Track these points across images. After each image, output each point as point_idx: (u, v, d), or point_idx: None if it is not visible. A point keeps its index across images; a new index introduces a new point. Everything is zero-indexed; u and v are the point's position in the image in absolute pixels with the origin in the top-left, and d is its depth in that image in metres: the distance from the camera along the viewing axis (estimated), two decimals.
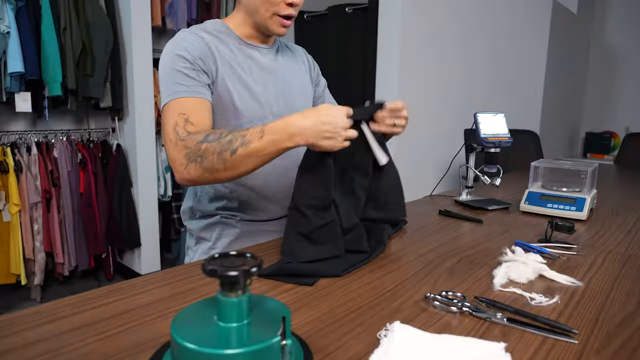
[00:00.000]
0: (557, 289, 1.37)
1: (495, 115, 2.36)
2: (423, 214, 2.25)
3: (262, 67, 1.90)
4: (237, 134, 1.53)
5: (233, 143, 1.52)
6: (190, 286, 1.34)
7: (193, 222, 1.99)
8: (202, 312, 0.89)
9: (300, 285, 1.35)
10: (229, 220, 1.92)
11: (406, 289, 1.34)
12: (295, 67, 2.06)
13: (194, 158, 1.55)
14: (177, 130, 1.60)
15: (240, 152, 1.52)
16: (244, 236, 1.92)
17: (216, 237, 1.93)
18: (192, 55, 1.72)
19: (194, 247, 1.99)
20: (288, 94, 1.96)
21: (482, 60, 5.61)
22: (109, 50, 4.50)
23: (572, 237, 1.91)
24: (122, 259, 5.18)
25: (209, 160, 1.54)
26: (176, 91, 1.67)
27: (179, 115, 1.63)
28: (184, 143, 1.58)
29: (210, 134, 1.56)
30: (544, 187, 2.38)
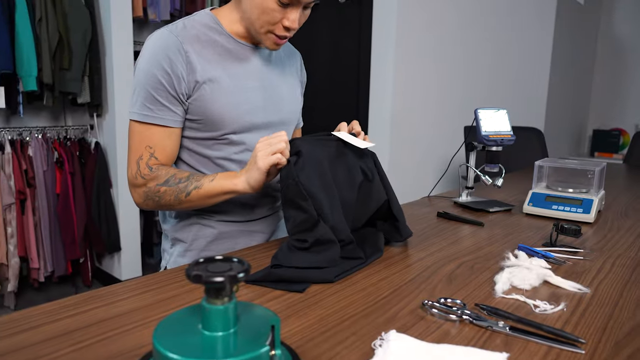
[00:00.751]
0: (563, 295, 1.38)
1: (497, 111, 2.37)
2: (420, 216, 2.25)
3: (251, 71, 1.88)
4: (194, 179, 1.73)
5: (188, 187, 1.73)
6: (174, 293, 1.33)
7: (168, 223, 1.99)
8: (186, 320, 0.89)
9: (290, 292, 1.36)
10: (205, 221, 1.92)
11: (402, 296, 1.34)
12: (288, 71, 2.05)
13: (151, 197, 1.77)
14: (139, 165, 1.77)
15: (193, 194, 1.73)
16: (221, 237, 1.92)
17: (192, 238, 1.92)
18: (169, 74, 1.72)
19: (169, 249, 2.00)
20: (278, 101, 1.95)
21: (484, 52, 5.62)
22: (87, 42, 4.49)
23: (579, 240, 1.92)
24: (101, 264, 5.17)
25: (165, 200, 1.76)
26: (144, 114, 1.75)
27: (146, 149, 1.77)
28: (144, 181, 1.77)
29: (170, 178, 1.75)
30: (548, 188, 2.38)
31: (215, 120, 1.78)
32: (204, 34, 1.80)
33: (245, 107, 1.83)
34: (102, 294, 1.31)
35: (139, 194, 1.79)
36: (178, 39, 1.74)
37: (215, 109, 1.77)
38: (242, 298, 1.30)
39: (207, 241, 1.92)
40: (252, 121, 1.85)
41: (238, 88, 1.82)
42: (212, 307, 0.85)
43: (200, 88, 1.75)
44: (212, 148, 1.84)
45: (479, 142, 2.33)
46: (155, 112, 1.73)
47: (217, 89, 1.77)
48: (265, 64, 1.93)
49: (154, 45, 1.74)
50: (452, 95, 5.31)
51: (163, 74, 1.71)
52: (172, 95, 1.73)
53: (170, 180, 1.73)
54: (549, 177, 2.44)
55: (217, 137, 1.82)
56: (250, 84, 1.86)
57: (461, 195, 2.51)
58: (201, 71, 1.75)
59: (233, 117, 1.80)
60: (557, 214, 2.24)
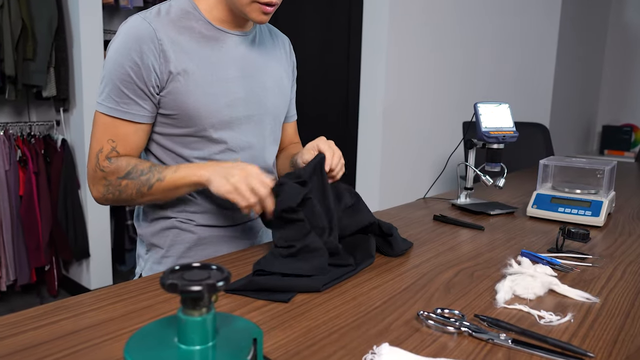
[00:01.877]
0: (570, 305, 1.38)
1: (498, 105, 2.37)
2: (416, 219, 2.26)
3: (231, 60, 1.88)
4: (155, 171, 1.76)
5: (150, 179, 1.75)
6: (147, 303, 1.33)
7: (144, 227, 1.98)
8: (160, 333, 0.89)
9: (274, 302, 1.35)
10: (184, 225, 1.91)
11: (396, 306, 1.34)
12: (274, 60, 2.04)
13: (112, 191, 1.79)
14: (98, 157, 1.79)
15: (155, 187, 1.75)
16: (201, 243, 1.92)
17: (170, 243, 1.92)
18: (138, 66, 1.72)
19: (144, 255, 1.99)
20: (260, 92, 1.95)
21: (484, 41, 5.63)
22: (53, 30, 4.47)
23: (587, 246, 1.92)
24: (69, 271, 5.15)
25: (127, 194, 1.79)
26: (110, 107, 1.76)
27: (108, 142, 1.78)
28: (103, 175, 1.79)
29: (132, 170, 1.77)
30: (554, 189, 2.39)
31: (191, 114, 1.78)
32: (179, 21, 1.79)
33: (224, 99, 1.83)
34: (69, 304, 1.31)
35: (97, 189, 1.81)
36: (151, 26, 1.73)
37: (190, 102, 1.77)
38: (221, 309, 1.30)
39: (185, 247, 1.91)
40: (232, 115, 1.85)
41: (216, 78, 1.82)
42: (188, 318, 0.85)
43: (174, 79, 1.75)
44: (190, 147, 1.83)
45: (478, 139, 2.33)
46: (121, 106, 1.74)
47: (193, 80, 1.77)
48: (248, 52, 1.93)
49: (125, 34, 1.74)
50: (450, 88, 5.32)
51: (132, 66, 1.71)
52: (140, 89, 1.73)
53: (132, 173, 1.76)
54: (555, 177, 2.44)
55: (194, 134, 1.81)
56: (230, 73, 1.86)
57: (460, 196, 2.52)
58: (175, 61, 1.75)
59: (211, 110, 1.80)
60: (564, 217, 2.25)
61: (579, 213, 2.22)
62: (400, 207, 2.46)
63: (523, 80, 6.13)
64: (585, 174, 2.36)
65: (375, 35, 4.72)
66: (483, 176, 2.35)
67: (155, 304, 1.32)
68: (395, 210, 2.40)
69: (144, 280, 1.48)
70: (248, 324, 0.92)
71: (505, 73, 5.92)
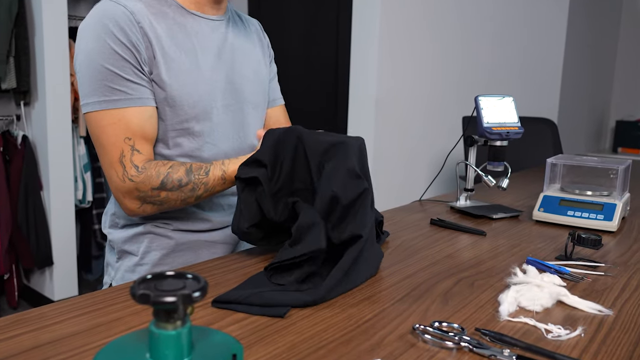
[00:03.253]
0: (580, 318, 1.38)
1: (501, 99, 2.38)
2: (410, 223, 2.26)
3: (208, 47, 1.90)
4: (198, 181, 1.76)
5: (196, 191, 1.77)
6: (116, 315, 1.32)
7: (115, 232, 1.98)
8: (131, 348, 0.89)
9: (267, 316, 1.35)
10: (160, 230, 1.91)
11: (389, 319, 1.34)
12: (249, 45, 2.07)
13: (151, 201, 1.77)
14: (123, 164, 1.73)
15: (204, 196, 1.80)
16: (179, 249, 1.92)
17: (144, 250, 1.92)
18: (126, 46, 1.71)
19: (115, 263, 1.98)
20: (238, 80, 1.97)
21: (486, 29, 5.64)
22: (12, 16, 4.46)
23: (599, 253, 1.93)
24: (30, 281, 5.13)
25: (169, 204, 1.79)
26: (113, 99, 1.71)
27: (125, 142, 1.73)
28: (135, 185, 1.74)
29: (165, 178, 1.75)
30: (563, 190, 2.39)
31: (171, 104, 1.79)
32: (152, 6, 1.80)
33: (204, 87, 1.84)
34: (30, 317, 1.30)
35: (132, 202, 1.78)
36: (127, 9, 1.74)
37: (173, 90, 1.78)
38: (197, 322, 1.30)
39: (161, 254, 1.91)
40: (212, 104, 1.87)
41: (195, 66, 1.83)
42: (161, 332, 0.84)
43: (155, 66, 1.76)
44: (169, 144, 1.84)
45: (480, 136, 2.34)
46: (125, 94, 1.72)
47: (172, 68, 1.78)
48: (223, 38, 1.95)
49: (100, 18, 1.73)
50: (449, 79, 5.33)
51: (122, 47, 1.71)
52: (138, 69, 1.73)
53: (167, 183, 1.75)
54: (564, 178, 2.45)
55: (174, 127, 1.82)
56: (207, 61, 1.87)
57: (459, 198, 2.52)
58: (156, 46, 1.76)
59: (194, 100, 1.82)
60: (573, 221, 2.25)
61: (590, 217, 2.23)
62: (394, 210, 2.46)
63: (529, 70, 6.13)
64: (597, 174, 2.37)
65: (366, 20, 4.72)
66: (485, 176, 2.35)
67: (125, 317, 1.31)
68: (388, 213, 2.40)
69: (112, 290, 1.48)
70: (227, 338, 0.92)
71: (509, 63, 5.92)
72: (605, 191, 2.32)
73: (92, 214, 5.37)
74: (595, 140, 8.01)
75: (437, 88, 5.22)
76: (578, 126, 7.21)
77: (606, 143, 8.32)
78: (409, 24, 4.85)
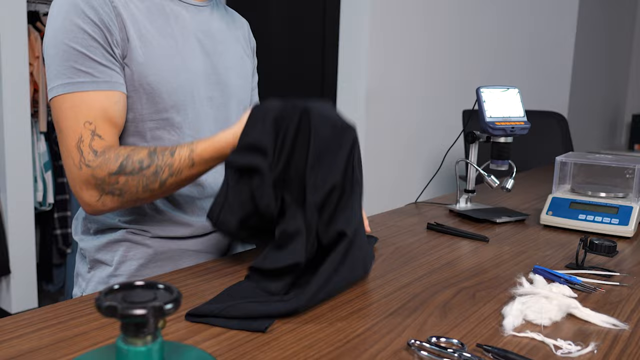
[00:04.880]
0: (593, 333, 1.39)
1: (506, 90, 2.38)
2: (406, 228, 2.26)
3: (189, 32, 1.90)
4: (162, 163, 1.69)
5: (160, 174, 1.69)
6: (81, 329, 1.32)
7: (87, 239, 1.97)
8: None
9: (247, 330, 1.35)
10: (137, 237, 1.90)
11: (382, 334, 1.34)
12: (232, 38, 2.08)
13: (110, 190, 1.71)
14: (80, 149, 1.70)
15: (170, 182, 1.71)
16: (158, 259, 1.91)
17: (119, 260, 1.90)
18: (98, 26, 1.70)
19: (86, 274, 1.97)
20: (222, 70, 1.97)
21: (488, 13, 5.65)
22: None
23: (614, 261, 1.94)
24: None
25: (131, 193, 1.72)
26: (78, 82, 1.70)
27: (85, 126, 1.70)
28: (91, 171, 1.70)
29: (124, 160, 1.69)
30: (574, 192, 2.40)
31: (150, 91, 1.78)
32: None
33: (185, 74, 1.84)
34: None
35: (89, 193, 1.72)
36: None
37: (149, 75, 1.77)
38: (170, 337, 1.29)
39: (138, 264, 1.90)
40: (193, 93, 1.87)
41: (175, 51, 1.84)
42: (130, 348, 0.84)
43: (131, 49, 1.75)
44: (147, 137, 1.84)
45: (482, 131, 2.34)
46: (90, 76, 1.70)
47: (151, 52, 1.78)
48: (205, 26, 1.95)
49: None
50: (447, 68, 5.34)
51: (91, 26, 1.70)
52: (108, 51, 1.72)
53: (126, 166, 1.68)
54: (575, 178, 2.46)
55: (153, 117, 1.82)
56: (188, 47, 1.87)
57: (459, 201, 2.52)
58: (131, 28, 1.76)
59: (173, 87, 1.81)
60: (585, 225, 2.26)
61: (603, 221, 2.23)
62: (387, 213, 2.47)
63: (536, 59, 6.15)
64: (612, 174, 2.37)
65: (356, 2, 4.73)
66: (487, 176, 2.36)
67: (90, 331, 1.31)
68: (380, 217, 2.41)
69: (76, 302, 1.47)
70: (202, 354, 0.92)
71: (514, 50, 5.94)
72: (621, 193, 2.33)
73: (54, 217, 5.35)
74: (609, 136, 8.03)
75: (434, 78, 5.22)
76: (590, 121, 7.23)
77: (621, 139, 8.34)
78: (404, 7, 4.86)
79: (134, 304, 0.82)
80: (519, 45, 5.96)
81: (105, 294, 0.85)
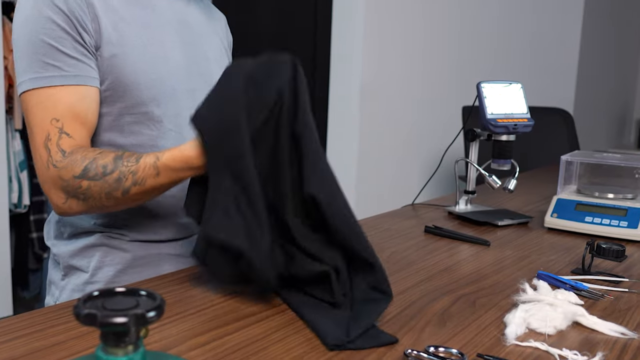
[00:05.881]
0: (600, 342, 1.39)
1: (508, 86, 2.39)
2: (402, 231, 2.27)
3: (167, 23, 1.90)
4: (125, 170, 1.65)
5: (122, 182, 1.65)
6: (58, 339, 1.31)
7: (61, 244, 1.96)
8: None
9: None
10: (114, 241, 1.90)
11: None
12: (212, 30, 2.08)
13: (74, 194, 1.69)
14: (48, 148, 1.69)
15: (134, 191, 1.66)
16: (137, 264, 1.91)
17: (96, 265, 1.90)
18: (68, 17, 1.69)
19: (60, 281, 1.96)
20: (202, 62, 1.97)
21: (490, 8, 5.65)
22: None
23: (623, 266, 1.94)
24: None
25: (94, 199, 1.68)
26: (45, 76, 1.69)
27: (52, 124, 1.69)
28: (58, 172, 1.68)
29: (89, 164, 1.66)
30: (580, 193, 2.41)
31: (127, 83, 1.78)
32: None
33: (165, 67, 1.84)
34: None
35: (57, 194, 1.71)
36: None
37: (127, 67, 1.77)
38: (152, 346, 1.29)
39: (116, 270, 1.90)
40: (174, 86, 1.86)
41: (154, 41, 1.83)
42: (110, 358, 0.84)
43: (105, 40, 1.75)
44: (125, 131, 1.83)
45: (483, 129, 2.35)
46: (59, 70, 1.69)
47: (128, 42, 1.78)
48: (184, 15, 1.95)
49: None
50: (446, 64, 5.35)
51: (61, 16, 1.69)
52: (79, 43, 1.71)
53: (90, 170, 1.65)
54: (581, 178, 2.46)
55: (131, 111, 1.81)
56: (167, 37, 1.87)
57: (458, 202, 2.53)
58: (105, 18, 1.75)
59: (152, 78, 1.81)
60: (592, 228, 2.26)
61: (611, 224, 2.24)
62: (382, 215, 2.47)
63: (540, 54, 6.16)
64: (620, 174, 2.37)
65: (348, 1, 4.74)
66: (488, 176, 2.36)
67: (68, 340, 1.31)
68: (375, 220, 2.41)
69: (53, 309, 1.47)
70: None
71: (517, 43, 5.94)
72: (630, 194, 2.33)
73: (30, 220, 5.33)
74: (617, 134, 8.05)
75: (432, 73, 5.23)
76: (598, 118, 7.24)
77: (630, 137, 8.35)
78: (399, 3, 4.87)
79: (115, 311, 0.82)
80: (522, 38, 5.96)
81: (84, 301, 0.85)
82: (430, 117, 5.24)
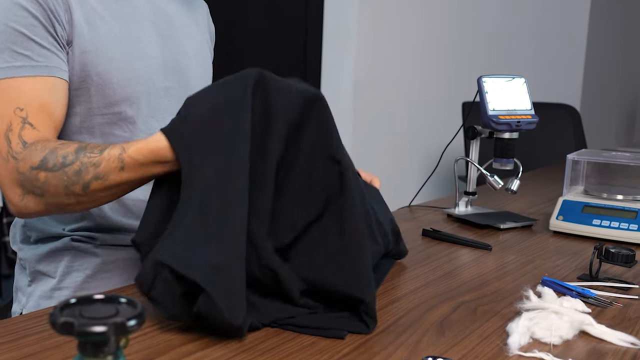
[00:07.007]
0: (609, 353, 1.39)
1: (511, 80, 2.39)
2: None
3: (144, 16, 1.90)
4: (87, 161, 1.56)
5: (82, 175, 1.56)
6: (32, 349, 1.31)
7: (27, 248, 1.96)
8: None
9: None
10: (83, 245, 1.90)
11: (372, 353, 1.34)
12: (192, 22, 2.08)
13: (30, 188, 1.63)
14: (9, 139, 1.65)
15: (95, 187, 1.57)
16: (107, 269, 1.91)
17: (64, 271, 1.90)
18: (40, 6, 1.69)
19: (26, 287, 1.96)
20: (181, 58, 1.97)
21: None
22: None
23: (632, 271, 1.94)
24: None
25: (51, 194, 1.61)
26: (14, 65, 1.68)
27: (15, 113, 1.66)
28: (16, 164, 1.64)
29: (49, 154, 1.60)
30: (587, 194, 2.41)
31: (100, 81, 1.78)
32: None
33: (140, 62, 1.84)
34: None
35: (14, 190, 1.66)
36: None
37: (99, 64, 1.77)
38: (133, 357, 1.29)
39: (85, 275, 1.90)
40: (149, 84, 1.86)
41: (130, 37, 1.83)
42: None
43: (78, 33, 1.74)
44: (96, 134, 1.83)
45: (484, 126, 2.35)
46: (28, 59, 1.68)
47: (101, 36, 1.77)
48: (161, 8, 1.95)
49: None
50: (445, 57, 5.35)
51: (32, 3, 1.68)
52: (50, 34, 1.70)
53: (49, 160, 1.59)
54: (589, 178, 2.46)
55: (102, 112, 1.81)
56: (143, 31, 1.87)
57: (458, 204, 2.53)
58: (78, 10, 1.75)
59: (127, 77, 1.80)
60: (600, 232, 2.26)
61: (620, 227, 2.24)
62: None
63: (544, 47, 6.16)
64: (630, 174, 2.38)
65: None
66: (490, 176, 2.36)
67: (42, 351, 1.30)
68: None
69: (27, 318, 1.46)
70: None
71: (520, 35, 5.95)
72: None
73: (2, 222, 5.34)
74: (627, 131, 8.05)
75: (430, 67, 5.24)
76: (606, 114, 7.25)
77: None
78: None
79: (93, 319, 0.82)
80: (526, 29, 5.97)
81: (60, 308, 0.85)
82: (428, 113, 5.24)
